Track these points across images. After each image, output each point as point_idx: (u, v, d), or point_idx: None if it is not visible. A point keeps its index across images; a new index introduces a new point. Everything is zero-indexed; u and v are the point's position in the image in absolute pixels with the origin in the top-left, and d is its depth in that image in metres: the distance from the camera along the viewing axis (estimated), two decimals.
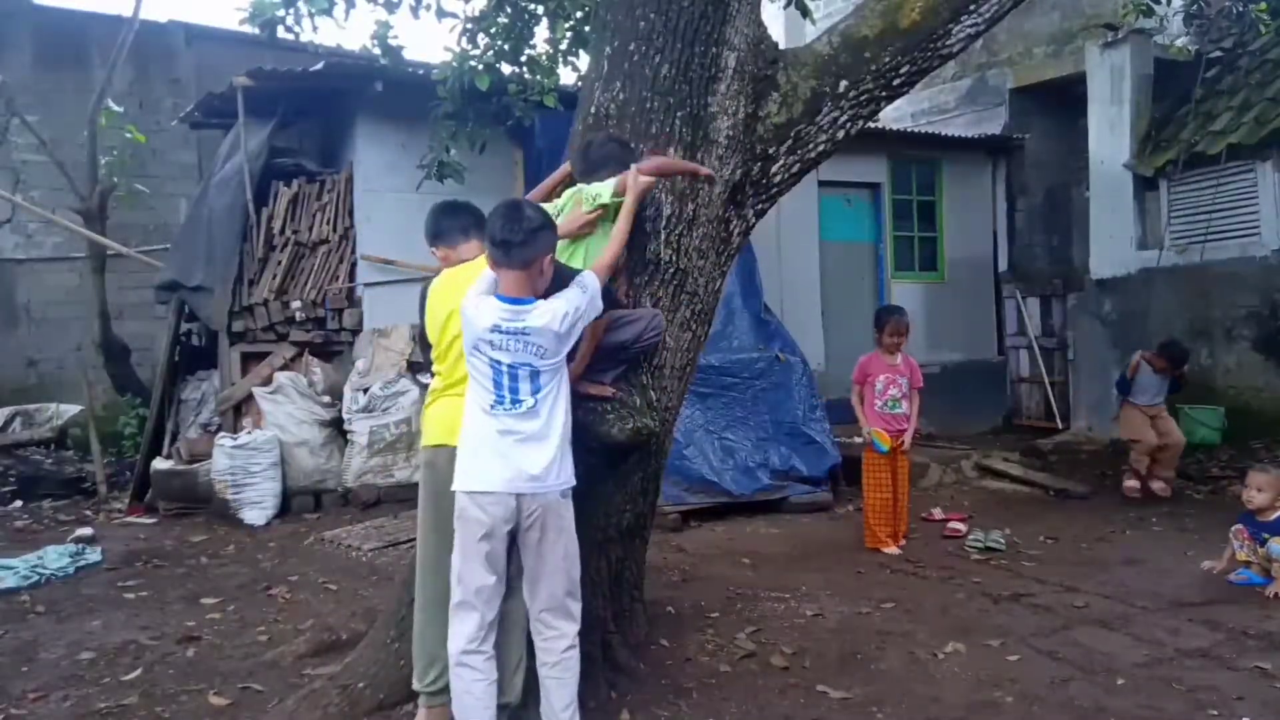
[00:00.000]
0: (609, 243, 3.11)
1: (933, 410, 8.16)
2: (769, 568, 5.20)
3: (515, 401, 2.79)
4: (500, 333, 2.77)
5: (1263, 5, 7.98)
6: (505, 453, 2.76)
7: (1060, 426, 9.38)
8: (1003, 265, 10.54)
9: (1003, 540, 5.56)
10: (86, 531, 6.08)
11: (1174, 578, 4.88)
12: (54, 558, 5.40)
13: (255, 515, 6.52)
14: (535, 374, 2.79)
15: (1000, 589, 4.70)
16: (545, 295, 2.86)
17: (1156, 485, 6.93)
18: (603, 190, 3.15)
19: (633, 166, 3.19)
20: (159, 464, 6.99)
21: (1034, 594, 4.62)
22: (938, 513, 6.39)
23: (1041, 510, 6.66)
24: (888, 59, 3.61)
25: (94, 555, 5.59)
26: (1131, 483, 6.96)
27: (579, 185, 3.32)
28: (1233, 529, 4.85)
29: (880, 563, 5.28)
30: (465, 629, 2.79)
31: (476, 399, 2.83)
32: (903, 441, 5.58)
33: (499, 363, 2.79)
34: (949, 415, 9.05)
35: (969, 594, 4.67)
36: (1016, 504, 6.89)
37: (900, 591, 4.70)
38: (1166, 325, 8.39)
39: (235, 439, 6.65)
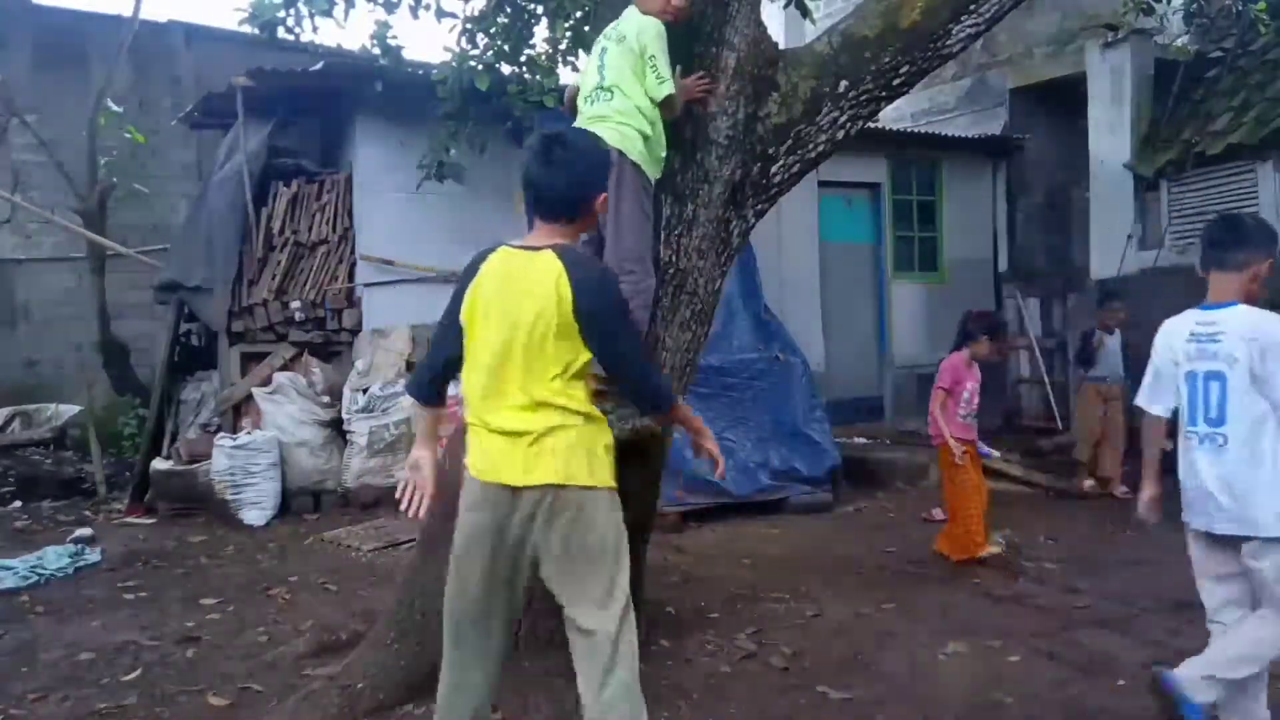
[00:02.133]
0: None
1: None
2: (769, 568, 5.18)
3: (1210, 420, 2.79)
4: (1195, 340, 2.83)
5: (1262, 5, 7.98)
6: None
7: (1060, 427, 9.35)
8: (1003, 265, 10.52)
9: (1003, 541, 5.51)
10: (86, 532, 6.05)
11: (1174, 578, 4.76)
12: (53, 558, 5.38)
13: (255, 515, 6.50)
14: (1225, 388, 2.77)
15: (1000, 589, 4.70)
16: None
17: (1119, 490, 6.85)
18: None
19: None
20: (158, 464, 6.95)
21: (1034, 594, 4.62)
22: (938, 513, 6.34)
23: (1041, 510, 6.65)
24: (888, 59, 3.60)
25: (93, 556, 5.57)
26: (1089, 481, 6.93)
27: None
28: None
29: (880, 563, 5.27)
30: None
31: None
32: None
33: (1193, 374, 2.82)
34: None
35: (969, 594, 4.66)
36: (1017, 504, 6.85)
37: (900, 592, 4.69)
38: None
39: (235, 439, 6.63)
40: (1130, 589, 4.65)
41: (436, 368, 2.59)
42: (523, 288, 2.34)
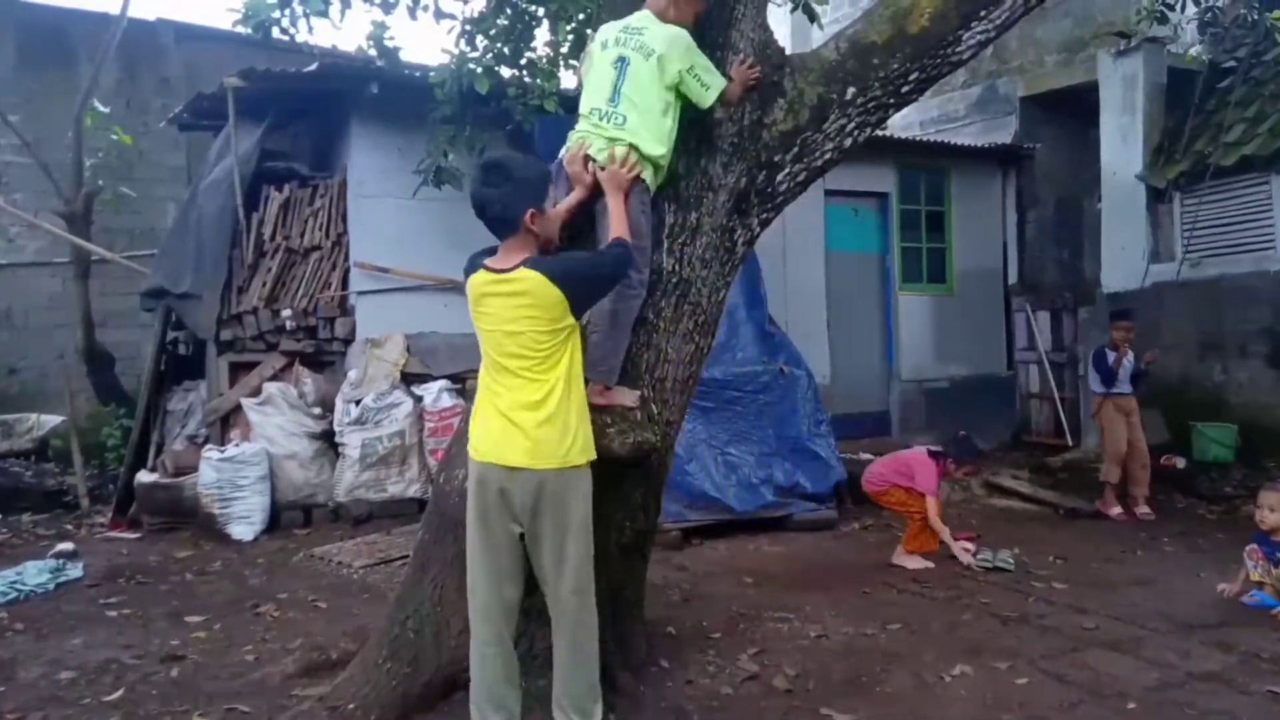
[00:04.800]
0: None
1: (940, 425, 8.02)
2: (772, 587, 5.12)
3: None
4: None
5: (1276, 15, 7.91)
6: None
7: (1070, 444, 9.23)
8: (1013, 277, 10.41)
9: (1012, 560, 5.51)
10: (67, 546, 5.91)
11: (1185, 599, 4.84)
12: (34, 573, 5.29)
13: (243, 530, 6.35)
14: None
15: (1009, 610, 4.65)
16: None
17: (1140, 510, 6.86)
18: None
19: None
20: (143, 477, 6.83)
21: (1043, 615, 4.58)
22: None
23: (1051, 529, 6.60)
24: (896, 66, 3.60)
25: (75, 571, 5.47)
26: (1115, 508, 6.89)
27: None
28: (1246, 549, 4.80)
29: (886, 582, 5.23)
30: None
31: None
32: None
33: None
34: (957, 431, 8.90)
35: (977, 615, 4.61)
36: (1026, 522, 6.82)
37: (907, 612, 4.65)
38: (1179, 339, 8.27)
39: (223, 451, 6.50)
40: (1140, 610, 4.61)
41: None
42: None
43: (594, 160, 3.17)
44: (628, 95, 3.15)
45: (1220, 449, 7.94)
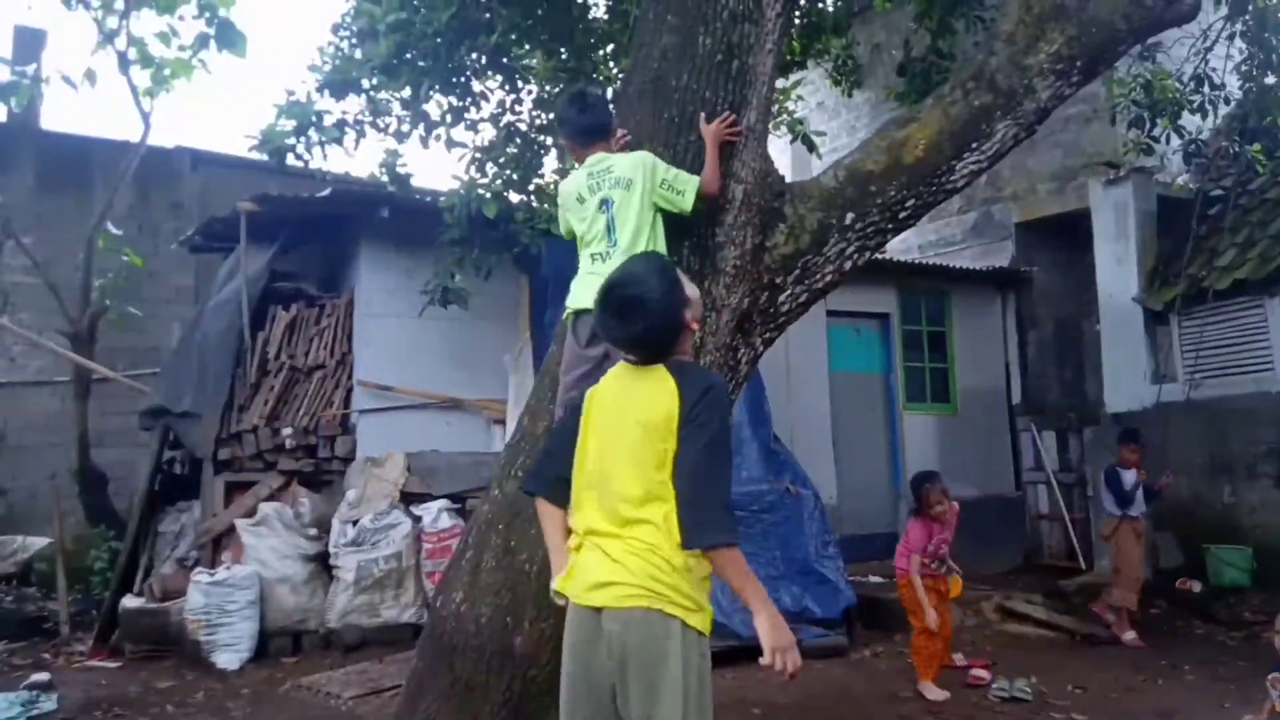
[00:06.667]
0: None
1: (951, 546, 7.81)
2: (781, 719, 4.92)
3: None
4: None
5: (1257, 147, 8.16)
6: None
7: (1083, 566, 9.02)
8: (1016, 397, 10.37)
9: (1029, 689, 5.32)
10: (42, 677, 5.67)
11: None
12: (3, 707, 5.04)
13: (228, 658, 6.09)
14: None
15: None
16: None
17: (1127, 636, 6.71)
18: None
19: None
20: (128, 602, 6.59)
21: None
22: (959, 659, 6.05)
23: (1067, 656, 6.40)
24: (893, 193, 3.68)
25: (49, 703, 5.22)
26: (1129, 632, 6.72)
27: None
28: (1269, 678, 4.59)
29: (901, 714, 5.01)
30: None
31: None
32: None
33: None
34: (966, 553, 8.63)
35: None
36: (1041, 649, 6.62)
37: None
38: (1186, 460, 8.19)
39: (212, 575, 6.29)
40: None
41: None
42: None
43: None
44: (621, 231, 3.17)
45: (1236, 572, 7.77)
